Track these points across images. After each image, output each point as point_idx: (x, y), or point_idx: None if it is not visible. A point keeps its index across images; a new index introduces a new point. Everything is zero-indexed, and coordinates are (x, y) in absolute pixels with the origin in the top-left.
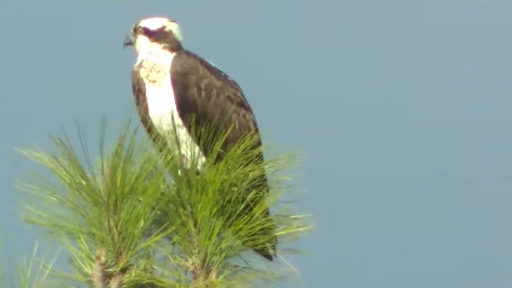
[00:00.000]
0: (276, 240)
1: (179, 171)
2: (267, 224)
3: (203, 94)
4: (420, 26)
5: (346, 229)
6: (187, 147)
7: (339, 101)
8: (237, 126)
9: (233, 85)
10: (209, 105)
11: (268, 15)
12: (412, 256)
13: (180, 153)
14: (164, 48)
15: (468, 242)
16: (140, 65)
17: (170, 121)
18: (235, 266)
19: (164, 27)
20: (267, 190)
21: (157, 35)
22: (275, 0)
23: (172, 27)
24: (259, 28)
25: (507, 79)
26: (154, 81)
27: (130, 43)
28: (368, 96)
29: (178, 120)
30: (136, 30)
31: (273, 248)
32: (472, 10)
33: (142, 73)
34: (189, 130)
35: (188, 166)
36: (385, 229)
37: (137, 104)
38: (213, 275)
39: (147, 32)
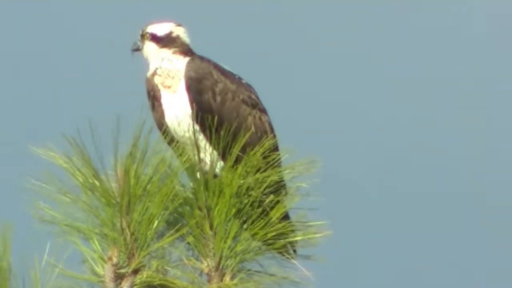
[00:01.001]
0: (296, 243)
1: (198, 174)
2: (283, 230)
3: (218, 98)
4: (420, 27)
5: (362, 236)
6: (205, 151)
7: (358, 109)
8: (253, 128)
9: (248, 87)
10: (224, 109)
11: (270, 16)
12: (429, 263)
13: (199, 157)
14: (174, 52)
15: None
16: (155, 73)
17: (187, 126)
18: (249, 270)
19: (171, 32)
20: (285, 195)
21: (165, 41)
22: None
23: (179, 31)
24: (277, 31)
25: (507, 79)
26: (169, 87)
27: (137, 49)
28: (385, 103)
29: (195, 125)
30: (143, 36)
31: (294, 250)
32: (472, 10)
33: (157, 80)
34: (205, 134)
35: (207, 169)
36: (402, 237)
37: (153, 110)
38: (227, 278)
39: (154, 38)
